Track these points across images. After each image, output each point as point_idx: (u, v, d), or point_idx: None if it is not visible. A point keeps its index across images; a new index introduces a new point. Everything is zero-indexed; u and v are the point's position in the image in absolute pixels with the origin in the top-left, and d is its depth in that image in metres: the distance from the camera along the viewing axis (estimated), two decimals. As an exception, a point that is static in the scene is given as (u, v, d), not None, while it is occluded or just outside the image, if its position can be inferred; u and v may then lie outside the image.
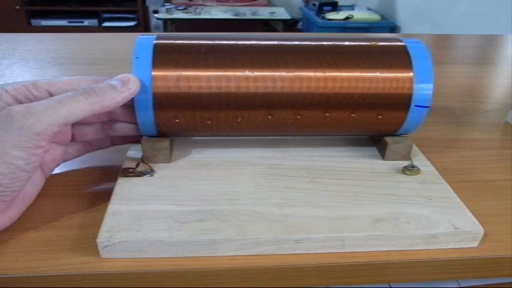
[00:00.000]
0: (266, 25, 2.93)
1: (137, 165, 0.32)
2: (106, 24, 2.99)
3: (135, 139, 0.35)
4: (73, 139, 0.32)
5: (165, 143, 0.33)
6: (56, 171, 0.33)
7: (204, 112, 0.31)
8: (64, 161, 0.33)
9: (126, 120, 0.33)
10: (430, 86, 0.32)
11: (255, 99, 0.31)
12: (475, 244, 0.28)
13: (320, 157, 0.35)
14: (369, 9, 2.80)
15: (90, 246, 0.26)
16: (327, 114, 0.32)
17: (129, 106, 0.31)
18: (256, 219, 0.27)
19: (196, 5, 2.92)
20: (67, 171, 0.34)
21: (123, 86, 0.28)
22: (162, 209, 0.28)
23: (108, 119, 0.33)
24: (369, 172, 0.33)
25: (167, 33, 1.62)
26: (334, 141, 0.37)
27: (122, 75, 0.29)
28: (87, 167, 0.35)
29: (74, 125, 0.32)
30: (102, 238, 0.25)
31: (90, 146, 0.34)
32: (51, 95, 0.29)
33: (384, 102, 0.32)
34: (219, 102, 0.31)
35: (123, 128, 0.34)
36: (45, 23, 2.93)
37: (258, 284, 0.26)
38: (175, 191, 0.30)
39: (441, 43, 0.86)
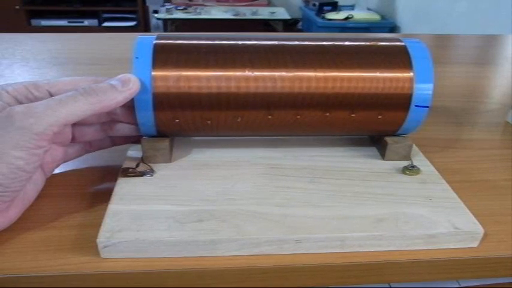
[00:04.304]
0: (266, 25, 2.93)
1: (137, 165, 0.32)
2: (106, 24, 2.99)
3: (135, 139, 0.35)
4: (73, 140, 0.32)
5: (165, 143, 0.33)
6: (56, 171, 0.33)
7: (204, 112, 0.31)
8: (64, 162, 0.33)
9: (126, 120, 0.33)
10: (430, 86, 0.32)
11: (255, 99, 0.31)
12: (475, 244, 0.28)
13: (320, 157, 0.35)
14: (369, 9, 2.80)
15: (90, 246, 0.26)
16: (327, 114, 0.32)
17: (129, 106, 0.31)
18: (256, 219, 0.27)
19: (196, 5, 2.92)
20: (67, 171, 0.34)
21: (124, 86, 0.28)
22: (162, 209, 0.28)
23: (108, 119, 0.33)
24: (369, 172, 0.33)
25: (167, 33, 1.62)
26: (334, 141, 0.37)
27: (122, 75, 0.29)
28: (87, 167, 0.35)
29: (74, 125, 0.32)
30: (102, 238, 0.25)
31: (90, 147, 0.34)
32: (51, 95, 0.29)
33: (384, 102, 0.32)
34: (219, 102, 0.31)
35: (123, 129, 0.34)
36: (45, 23, 2.93)
37: (258, 284, 0.26)
38: (175, 191, 0.30)
39: (441, 43, 0.86)
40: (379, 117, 0.33)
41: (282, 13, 2.85)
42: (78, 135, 0.32)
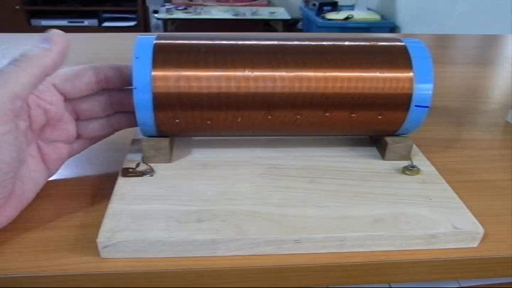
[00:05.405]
0: (266, 25, 2.93)
1: (137, 165, 0.32)
2: (106, 24, 2.98)
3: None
4: (79, 136, 0.32)
5: (165, 143, 0.33)
6: (56, 171, 0.33)
7: (204, 112, 0.31)
8: (70, 157, 0.33)
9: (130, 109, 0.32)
10: (430, 86, 0.32)
11: (255, 99, 0.31)
12: (475, 244, 0.28)
13: (320, 157, 0.35)
14: (369, 9, 2.80)
15: (90, 246, 0.26)
16: (327, 114, 0.32)
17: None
18: (256, 219, 0.27)
19: (196, 5, 2.92)
20: (67, 171, 0.34)
21: (51, 43, 0.27)
22: (162, 209, 0.28)
23: (112, 111, 0.33)
24: (369, 172, 0.33)
25: (167, 33, 1.62)
26: (334, 141, 0.37)
27: (43, 35, 0.28)
28: (88, 167, 0.35)
29: (79, 122, 0.32)
30: (102, 238, 0.25)
31: (96, 139, 0.34)
32: (55, 87, 0.30)
33: (384, 102, 0.32)
34: (219, 102, 0.31)
35: (129, 120, 0.34)
36: (45, 23, 2.92)
37: (258, 284, 0.26)
38: (175, 191, 0.30)
39: (441, 43, 0.86)
40: (379, 117, 0.33)
41: (282, 13, 2.85)
42: (84, 132, 0.32)
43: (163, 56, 0.30)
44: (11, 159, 0.24)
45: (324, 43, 0.33)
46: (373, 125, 0.33)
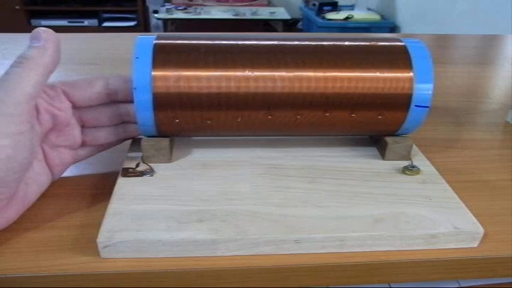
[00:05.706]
0: (266, 25, 2.93)
1: (137, 165, 0.32)
2: (106, 24, 2.98)
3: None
4: (84, 143, 0.32)
5: (165, 143, 0.33)
6: (56, 171, 0.33)
7: (204, 112, 0.31)
8: (75, 163, 0.33)
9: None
10: (430, 86, 0.32)
11: (255, 99, 0.31)
12: (475, 244, 0.28)
13: (320, 157, 0.35)
14: (369, 9, 2.80)
15: (90, 246, 0.26)
16: (327, 114, 0.32)
17: None
18: (256, 219, 0.27)
19: (196, 5, 2.92)
20: (67, 171, 0.34)
21: (41, 41, 0.27)
22: (162, 209, 0.28)
23: (120, 121, 0.33)
24: (369, 172, 0.33)
25: (167, 33, 1.62)
26: (334, 141, 0.37)
27: (31, 34, 0.27)
28: (87, 167, 0.35)
29: (85, 129, 0.32)
30: (102, 238, 0.25)
31: (102, 147, 0.34)
32: (65, 94, 0.30)
33: (384, 102, 0.32)
34: (219, 102, 0.31)
35: (136, 130, 0.34)
36: (45, 23, 2.92)
37: (258, 284, 0.26)
38: (175, 191, 0.30)
39: (441, 43, 0.86)
40: (379, 117, 0.33)
41: (282, 13, 2.85)
42: (89, 140, 0.32)
43: (163, 56, 0.30)
44: (23, 158, 0.25)
45: (324, 43, 0.33)
46: (373, 125, 0.33)
